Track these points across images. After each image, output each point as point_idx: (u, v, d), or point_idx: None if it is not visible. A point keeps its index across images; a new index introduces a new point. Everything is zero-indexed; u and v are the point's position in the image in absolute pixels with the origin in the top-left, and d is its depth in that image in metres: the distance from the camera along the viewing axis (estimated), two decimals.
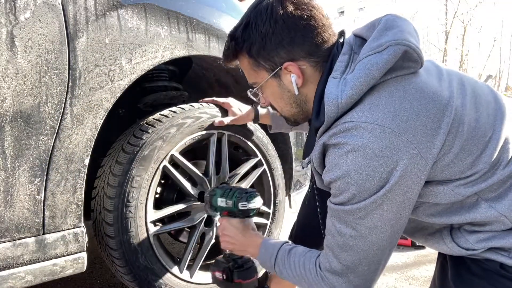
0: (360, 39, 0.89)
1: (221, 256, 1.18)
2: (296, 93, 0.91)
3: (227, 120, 1.41)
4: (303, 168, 1.10)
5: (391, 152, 0.76)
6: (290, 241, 1.03)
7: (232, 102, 1.44)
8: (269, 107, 1.39)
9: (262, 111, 1.42)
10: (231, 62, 0.97)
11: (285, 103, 0.96)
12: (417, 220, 0.94)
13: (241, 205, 1.07)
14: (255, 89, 0.97)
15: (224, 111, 1.45)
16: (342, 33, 0.93)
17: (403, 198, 0.79)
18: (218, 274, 1.14)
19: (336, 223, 0.84)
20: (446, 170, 0.80)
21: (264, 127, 1.66)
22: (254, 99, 1.01)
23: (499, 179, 0.81)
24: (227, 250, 1.15)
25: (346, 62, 0.85)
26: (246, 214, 1.09)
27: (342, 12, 26.75)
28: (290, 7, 0.85)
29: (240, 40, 0.91)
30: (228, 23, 1.44)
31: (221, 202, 1.12)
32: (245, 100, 1.74)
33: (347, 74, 0.83)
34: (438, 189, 0.83)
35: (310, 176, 1.26)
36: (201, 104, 1.42)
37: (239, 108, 1.44)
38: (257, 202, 1.10)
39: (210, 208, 1.17)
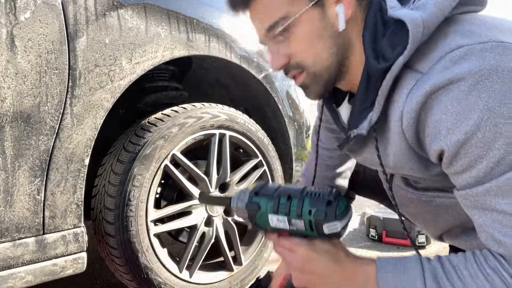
0: None
1: (286, 284, 0.81)
2: (342, 27, 0.67)
3: None
4: (349, 138, 0.72)
5: None
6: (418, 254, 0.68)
7: None
8: None
9: None
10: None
11: (323, 46, 0.69)
12: None
13: (328, 228, 0.64)
14: (280, 28, 0.69)
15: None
16: None
17: None
18: None
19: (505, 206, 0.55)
20: None
21: (263, 126, 1.66)
22: (271, 52, 0.73)
23: None
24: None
25: None
26: (336, 236, 0.68)
27: None
28: None
29: None
30: (228, 23, 1.44)
31: (278, 222, 0.68)
32: (238, 102, 1.74)
33: (411, 4, 0.66)
34: None
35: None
36: (202, 104, 1.42)
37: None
38: (350, 211, 0.68)
39: (254, 225, 0.74)
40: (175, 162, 1.35)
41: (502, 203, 0.56)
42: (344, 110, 0.82)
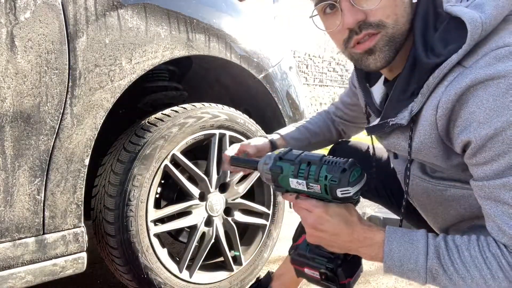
0: None
1: (302, 242, 0.85)
2: None
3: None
4: (384, 125, 0.74)
5: None
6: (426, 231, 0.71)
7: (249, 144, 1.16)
8: (280, 134, 1.17)
9: (277, 140, 1.20)
10: None
11: (404, 10, 0.69)
12: None
13: (341, 192, 0.69)
14: None
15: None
16: None
17: None
18: (311, 272, 0.82)
19: None
20: None
21: (263, 127, 1.66)
22: (343, 8, 0.69)
23: None
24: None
25: None
26: (348, 201, 0.73)
27: None
28: None
29: None
30: (228, 23, 1.44)
31: (298, 184, 0.75)
32: (238, 102, 1.74)
33: (466, 1, 0.68)
34: None
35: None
36: (202, 104, 1.42)
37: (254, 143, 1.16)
38: (363, 180, 0.72)
39: (276, 187, 0.82)
40: (175, 162, 1.35)
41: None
42: (377, 90, 0.84)
